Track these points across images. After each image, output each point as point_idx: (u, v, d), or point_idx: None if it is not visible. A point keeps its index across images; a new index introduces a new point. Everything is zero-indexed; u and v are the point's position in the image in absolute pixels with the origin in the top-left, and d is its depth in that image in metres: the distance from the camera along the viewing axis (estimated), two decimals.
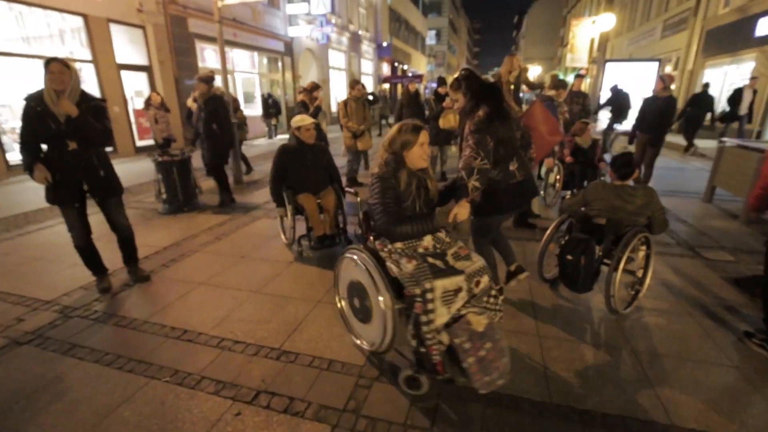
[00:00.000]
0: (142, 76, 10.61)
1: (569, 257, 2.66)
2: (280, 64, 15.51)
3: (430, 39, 44.80)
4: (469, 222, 2.73)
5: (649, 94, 6.28)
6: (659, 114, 5.68)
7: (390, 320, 1.98)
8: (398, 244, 2.07)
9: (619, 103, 8.74)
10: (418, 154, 2.10)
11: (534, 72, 28.04)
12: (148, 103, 7.30)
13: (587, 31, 16.73)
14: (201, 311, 2.87)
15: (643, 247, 2.79)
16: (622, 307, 2.76)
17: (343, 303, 2.44)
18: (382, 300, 1.97)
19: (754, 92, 9.43)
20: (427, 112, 7.06)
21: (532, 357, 2.33)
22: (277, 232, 4.40)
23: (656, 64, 10.12)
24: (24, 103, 2.69)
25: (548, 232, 3.03)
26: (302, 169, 3.62)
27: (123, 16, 9.71)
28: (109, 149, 3.67)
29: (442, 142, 6.73)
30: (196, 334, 2.59)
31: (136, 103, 10.37)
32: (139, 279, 3.36)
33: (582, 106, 6.87)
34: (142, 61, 10.49)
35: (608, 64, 11.20)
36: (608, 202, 2.74)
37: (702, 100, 9.12)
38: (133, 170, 8.29)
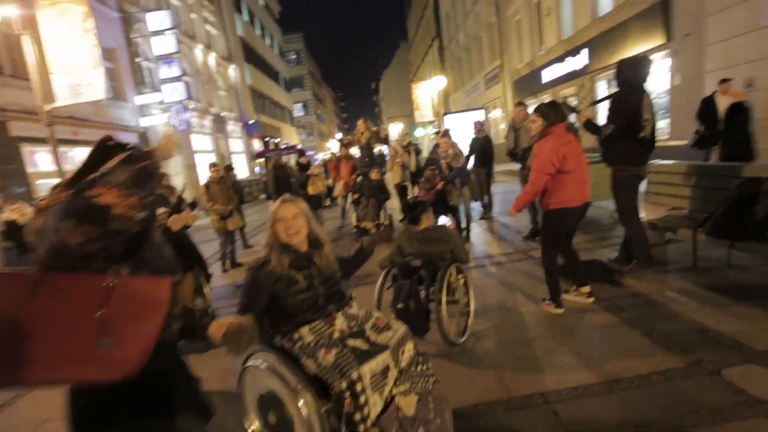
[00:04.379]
0: None
1: (399, 306, 2.69)
2: None
3: (298, 111, 47.14)
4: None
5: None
6: (483, 150, 6.95)
7: (317, 425, 1.59)
8: (308, 336, 1.83)
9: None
10: (283, 229, 1.92)
11: (396, 128, 31.50)
12: None
13: (425, 91, 19.74)
14: None
15: (460, 277, 3.01)
16: (458, 338, 2.88)
17: (256, 426, 1.91)
18: (302, 403, 1.59)
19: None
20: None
21: None
22: None
23: (482, 111, 12.39)
24: None
25: (377, 287, 3.02)
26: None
27: None
28: None
29: (314, 207, 7.10)
30: None
31: None
32: None
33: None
34: None
35: (446, 116, 13.27)
36: (416, 246, 3.00)
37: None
38: None
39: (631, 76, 3.56)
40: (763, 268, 3.35)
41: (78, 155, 12.30)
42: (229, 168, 6.62)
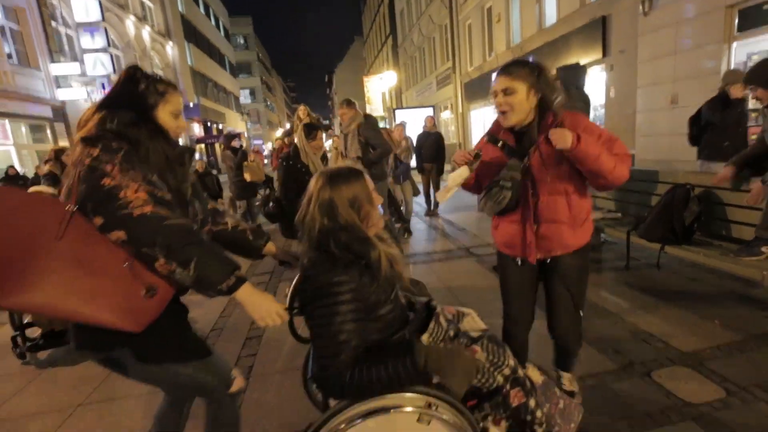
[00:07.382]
0: None
1: None
2: (49, 131, 12.98)
3: (245, 98, 44.90)
4: None
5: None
6: (437, 145, 6.77)
7: None
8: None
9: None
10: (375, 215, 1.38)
11: None
12: None
13: (377, 86, 19.55)
14: None
15: None
16: None
17: None
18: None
19: None
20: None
21: None
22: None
23: (431, 109, 12.43)
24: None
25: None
26: None
27: None
28: None
29: (249, 195, 6.62)
30: None
31: None
32: None
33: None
34: None
35: (397, 111, 13.18)
36: None
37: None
38: None
39: (573, 85, 3.56)
40: (690, 271, 3.49)
41: None
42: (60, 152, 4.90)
